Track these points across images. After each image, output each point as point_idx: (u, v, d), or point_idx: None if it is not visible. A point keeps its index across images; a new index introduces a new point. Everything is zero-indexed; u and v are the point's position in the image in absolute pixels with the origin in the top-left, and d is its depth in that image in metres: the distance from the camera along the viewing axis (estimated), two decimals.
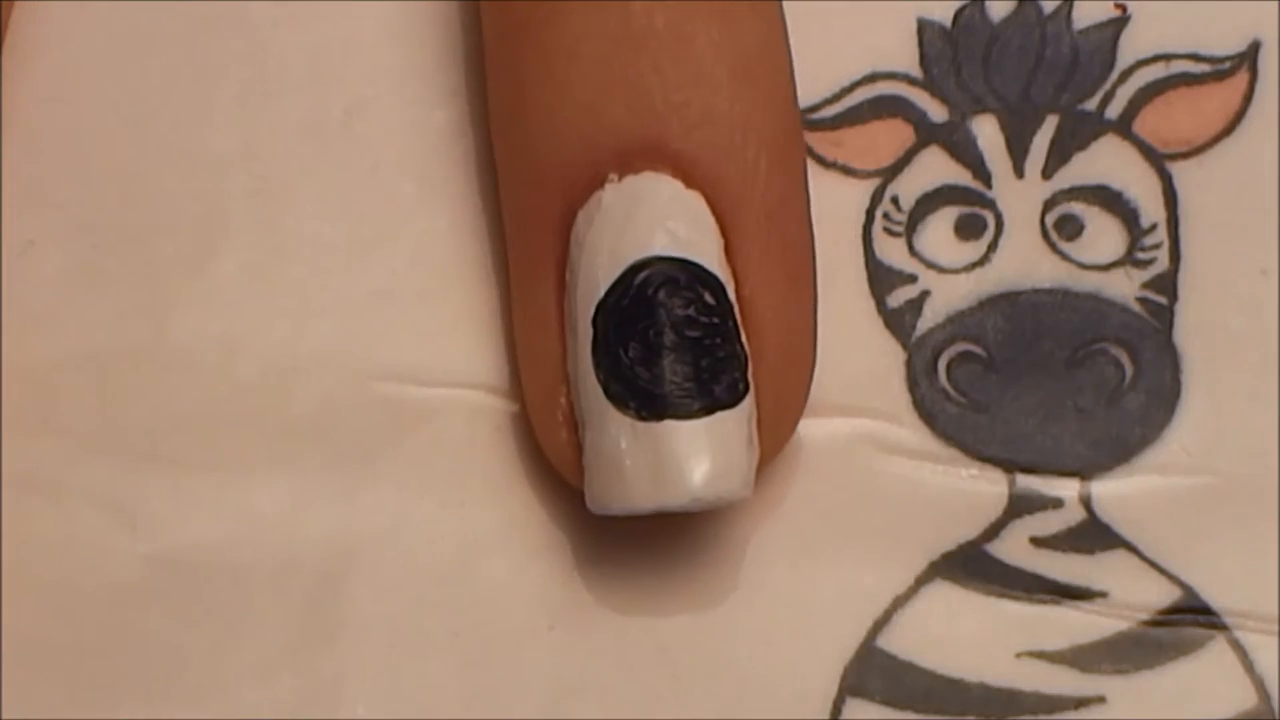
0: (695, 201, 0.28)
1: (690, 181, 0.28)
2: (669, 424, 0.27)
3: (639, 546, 0.29)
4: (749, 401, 0.27)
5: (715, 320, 0.27)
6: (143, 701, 0.28)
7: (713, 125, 0.28)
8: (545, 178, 0.28)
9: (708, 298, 0.27)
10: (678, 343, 0.27)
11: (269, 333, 0.30)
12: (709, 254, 0.28)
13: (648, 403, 0.27)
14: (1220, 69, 0.31)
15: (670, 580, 0.29)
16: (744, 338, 0.28)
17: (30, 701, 0.28)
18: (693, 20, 0.28)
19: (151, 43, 0.31)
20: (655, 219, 0.27)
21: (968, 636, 0.28)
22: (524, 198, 0.29)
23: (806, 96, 0.31)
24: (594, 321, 0.27)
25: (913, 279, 0.30)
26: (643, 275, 0.27)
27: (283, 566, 0.29)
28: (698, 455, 0.27)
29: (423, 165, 0.31)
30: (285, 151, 0.31)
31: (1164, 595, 0.29)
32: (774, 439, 0.28)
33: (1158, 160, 0.31)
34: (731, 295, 0.28)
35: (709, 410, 0.27)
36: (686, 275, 0.27)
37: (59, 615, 0.28)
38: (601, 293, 0.27)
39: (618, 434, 0.27)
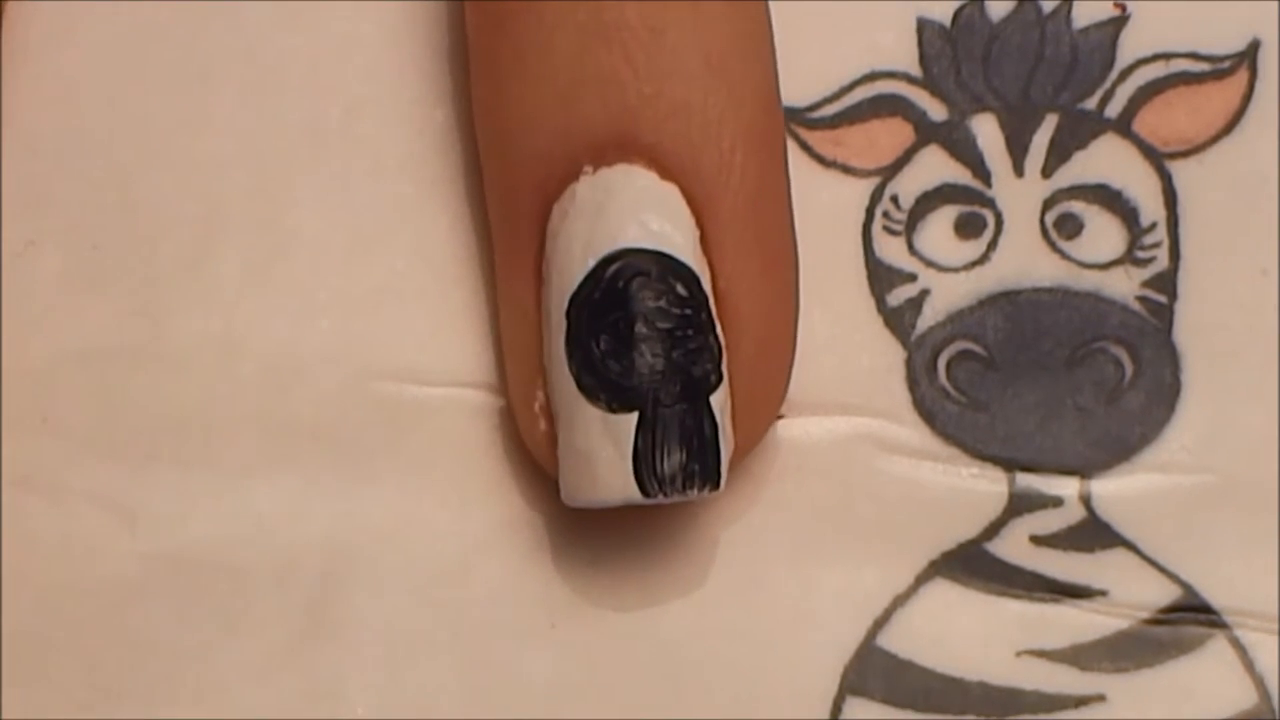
0: (669, 193, 0.28)
1: (665, 173, 0.28)
2: (639, 416, 0.27)
3: (640, 546, 0.29)
4: (722, 393, 0.27)
5: (687, 312, 0.27)
6: (142, 701, 0.28)
7: (686, 117, 0.28)
8: (522, 172, 0.28)
9: (680, 289, 0.27)
10: (648, 335, 0.27)
11: (269, 333, 0.30)
12: (683, 245, 0.28)
13: (618, 395, 0.27)
14: (1220, 68, 0.31)
15: (670, 580, 0.29)
16: (719, 329, 0.28)
17: (30, 701, 0.28)
18: (665, 13, 0.28)
19: (151, 43, 0.31)
20: (628, 211, 0.27)
21: (968, 635, 0.28)
22: (503, 193, 0.29)
23: (806, 95, 0.31)
24: (567, 314, 0.27)
25: (912, 278, 0.30)
26: (614, 267, 0.27)
27: (283, 566, 0.29)
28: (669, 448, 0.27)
29: (422, 165, 0.31)
30: (285, 151, 0.31)
31: (1164, 594, 0.29)
32: (750, 431, 0.28)
33: (1157, 159, 0.31)
34: (707, 286, 0.28)
35: (680, 402, 0.27)
36: (659, 267, 0.27)
37: (59, 615, 0.28)
38: (575, 286, 0.27)
39: (589, 426, 0.27)
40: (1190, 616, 0.28)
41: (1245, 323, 0.30)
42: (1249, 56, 0.31)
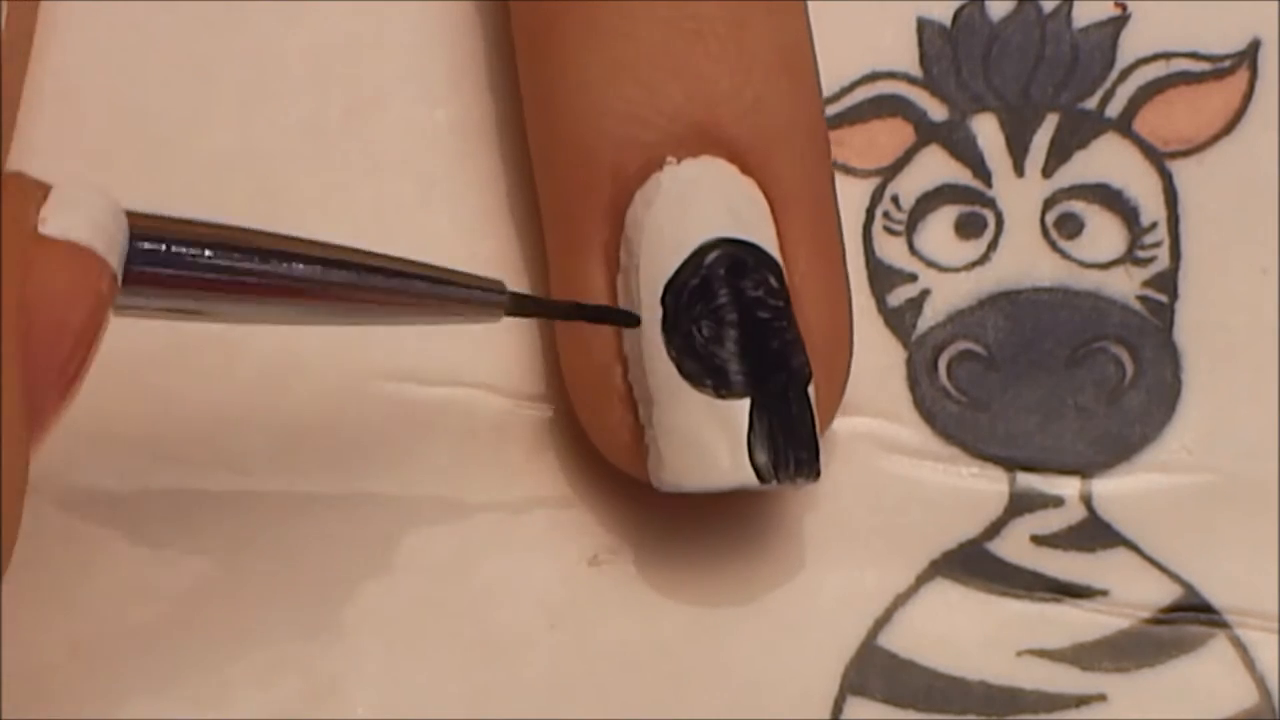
0: (751, 188, 0.28)
1: (744, 168, 0.28)
2: (750, 403, 0.27)
3: (639, 546, 0.29)
4: (812, 386, 0.27)
5: (780, 304, 0.27)
6: (143, 701, 0.28)
7: (764, 113, 0.28)
8: (594, 160, 0.28)
9: (772, 281, 0.27)
10: (750, 323, 0.27)
11: (269, 333, 0.30)
12: (768, 239, 0.28)
13: (726, 381, 0.27)
14: (1220, 68, 0.31)
15: (670, 580, 0.29)
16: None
17: (31, 702, 0.28)
18: (745, 10, 0.28)
19: (152, 43, 0.31)
20: (719, 201, 0.28)
21: (969, 635, 0.28)
22: (568, 181, 0.29)
23: None
24: (663, 300, 0.27)
25: (913, 278, 0.30)
26: (712, 256, 0.27)
27: (283, 566, 0.29)
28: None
29: (423, 164, 0.31)
30: (285, 151, 0.31)
31: (1165, 593, 0.29)
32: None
33: (1158, 159, 0.31)
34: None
35: (785, 391, 0.27)
36: (753, 258, 0.27)
37: (59, 615, 0.28)
38: (670, 273, 0.27)
39: (694, 412, 0.27)
40: (1191, 616, 0.28)
41: (1245, 322, 0.30)
42: (1249, 56, 0.31)
